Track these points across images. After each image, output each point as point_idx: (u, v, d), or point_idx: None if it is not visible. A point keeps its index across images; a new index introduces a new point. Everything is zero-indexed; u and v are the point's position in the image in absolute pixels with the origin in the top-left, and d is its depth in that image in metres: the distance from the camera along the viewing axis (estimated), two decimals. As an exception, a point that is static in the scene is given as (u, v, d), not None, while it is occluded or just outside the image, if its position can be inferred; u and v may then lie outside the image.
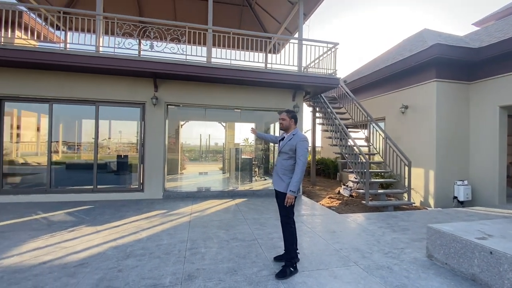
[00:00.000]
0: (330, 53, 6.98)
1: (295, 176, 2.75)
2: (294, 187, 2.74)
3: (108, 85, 6.19)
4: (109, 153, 7.12)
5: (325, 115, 8.07)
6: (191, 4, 9.16)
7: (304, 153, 2.78)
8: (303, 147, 2.80)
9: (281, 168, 2.91)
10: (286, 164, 2.87)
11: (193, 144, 12.54)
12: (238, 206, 5.75)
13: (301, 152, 2.78)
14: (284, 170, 2.87)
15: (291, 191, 2.73)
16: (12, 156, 6.39)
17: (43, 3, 7.94)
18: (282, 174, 2.87)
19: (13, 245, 3.37)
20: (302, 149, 2.79)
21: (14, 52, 5.31)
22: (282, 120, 3.01)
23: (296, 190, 2.75)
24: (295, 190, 2.74)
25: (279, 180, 2.91)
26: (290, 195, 2.74)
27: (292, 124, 2.99)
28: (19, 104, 6.32)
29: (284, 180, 2.86)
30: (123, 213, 4.97)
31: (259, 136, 3.79)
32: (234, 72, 6.21)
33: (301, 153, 2.78)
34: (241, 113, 7.51)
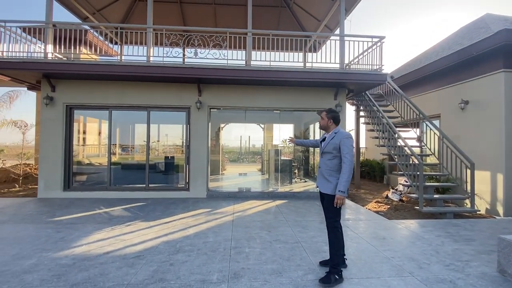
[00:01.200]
0: (376, 48, 6.56)
1: (343, 175, 2.62)
2: (343, 187, 2.59)
3: (158, 92, 6.69)
4: (158, 154, 7.69)
5: (371, 114, 7.59)
6: (230, 10, 9.45)
7: (349, 150, 2.65)
8: (348, 144, 2.67)
9: (326, 169, 2.78)
10: (331, 164, 2.75)
11: (232, 145, 12.88)
12: (279, 208, 5.72)
13: (347, 150, 2.65)
14: (329, 171, 2.75)
15: (340, 191, 2.59)
16: (79, 158, 7.30)
17: (102, 20, 8.94)
18: (328, 175, 2.74)
19: (83, 236, 3.82)
20: (347, 146, 2.66)
21: (81, 66, 6.07)
22: (320, 120, 2.98)
23: (345, 190, 2.60)
24: (345, 190, 2.60)
25: (325, 181, 2.78)
26: (340, 195, 2.59)
27: (331, 124, 2.87)
28: (85, 111, 7.20)
29: (331, 181, 2.72)
30: (172, 210, 5.31)
31: (297, 143, 3.60)
32: (273, 73, 6.22)
33: (347, 151, 2.65)
34: (280, 114, 7.47)
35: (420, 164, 5.43)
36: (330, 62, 6.50)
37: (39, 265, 2.88)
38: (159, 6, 8.71)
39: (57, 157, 6.47)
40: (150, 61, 6.27)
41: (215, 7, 9.43)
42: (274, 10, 9.52)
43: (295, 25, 9.76)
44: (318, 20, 9.03)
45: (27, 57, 6.07)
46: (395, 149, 6.49)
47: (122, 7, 9.18)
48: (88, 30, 8.77)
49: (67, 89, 6.54)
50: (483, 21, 7.74)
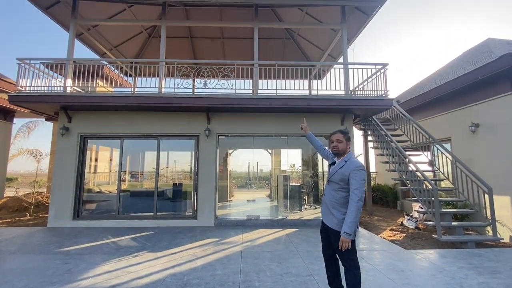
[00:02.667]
0: (380, 74, 6.71)
1: (350, 214, 2.25)
2: (349, 229, 2.22)
3: (168, 121, 6.91)
4: (166, 181, 7.73)
5: (379, 138, 7.55)
6: (238, 43, 9.99)
7: (360, 185, 2.27)
8: (358, 177, 2.29)
9: (330, 199, 2.46)
10: (336, 196, 2.41)
11: (240, 170, 12.85)
12: (289, 237, 5.53)
13: (356, 184, 2.27)
14: (333, 203, 2.42)
15: (346, 233, 2.22)
16: (89, 185, 7.40)
17: (118, 56, 9.56)
18: (332, 207, 2.43)
19: (89, 268, 3.75)
20: (358, 181, 2.28)
21: (97, 98, 6.41)
22: (337, 143, 2.48)
23: (352, 232, 2.23)
24: (351, 233, 2.22)
25: (328, 213, 2.47)
26: (345, 238, 2.22)
27: (348, 147, 2.51)
28: (98, 140, 7.44)
29: (334, 215, 2.40)
30: (179, 240, 5.20)
31: (309, 137, 3.08)
32: (279, 101, 6.38)
33: (356, 185, 2.27)
34: (288, 139, 7.53)
35: (435, 190, 5.26)
36: (335, 89, 6.65)
37: (45, 299, 2.82)
38: (171, 41, 9.30)
39: (69, 186, 6.58)
40: (162, 92, 6.56)
41: (223, 41, 10.00)
42: (279, 42, 10.01)
43: (300, 54, 10.17)
44: (321, 50, 9.40)
45: (48, 91, 6.45)
46: (406, 174, 6.35)
47: (137, 43, 9.85)
48: (104, 64, 9.36)
49: (82, 120, 6.84)
50: (485, 46, 7.90)
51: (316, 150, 3.04)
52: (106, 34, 8.68)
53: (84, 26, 7.70)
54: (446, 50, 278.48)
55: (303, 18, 8.24)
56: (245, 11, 8.40)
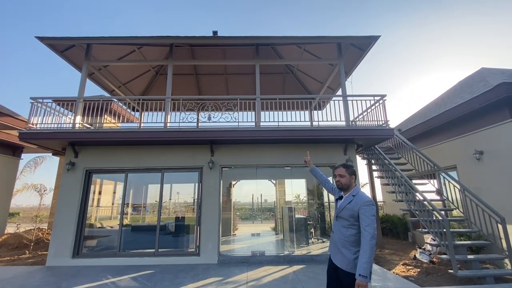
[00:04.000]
0: (379, 105, 6.89)
1: (363, 254, 2.05)
2: (364, 271, 2.01)
3: (172, 154, 7.01)
4: (169, 214, 7.60)
5: (383, 167, 7.50)
6: (240, 78, 10.47)
7: (371, 221, 2.12)
8: (369, 213, 2.15)
9: (340, 237, 2.29)
10: (346, 233, 2.25)
11: (244, 201, 12.62)
12: (296, 275, 5.25)
13: (368, 221, 2.12)
14: (343, 241, 2.25)
15: (362, 276, 2.00)
16: (91, 220, 7.28)
17: (126, 92, 10.01)
18: (342, 246, 2.25)
19: (86, 312, 3.56)
20: (368, 217, 2.14)
21: (104, 134, 6.61)
22: (340, 177, 2.39)
23: (368, 275, 2.02)
24: (367, 275, 2.00)
25: (338, 252, 2.29)
26: (361, 281, 2.00)
27: (353, 181, 2.39)
28: (102, 175, 7.49)
29: (345, 255, 2.21)
30: (181, 280, 4.96)
31: (313, 170, 3.03)
32: (282, 132, 6.50)
33: (368, 222, 2.12)
34: (291, 170, 7.51)
35: (445, 221, 5.09)
36: (336, 120, 6.80)
37: None
38: (177, 78, 9.79)
39: (71, 221, 6.50)
40: (168, 127, 6.75)
41: (226, 77, 10.49)
42: (279, 76, 10.47)
43: (300, 87, 10.57)
44: (320, 82, 9.78)
45: (57, 128, 6.68)
46: (414, 204, 6.19)
47: (145, 80, 10.37)
48: (113, 101, 9.77)
49: (88, 155, 6.97)
50: (480, 75, 8.17)
51: (321, 184, 2.94)
52: (115, 73, 9.19)
53: (95, 67, 8.20)
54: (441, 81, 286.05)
55: (301, 55, 8.72)
56: (246, 50, 8.94)
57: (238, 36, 7.04)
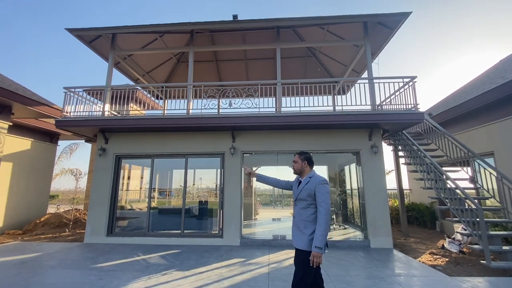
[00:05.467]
0: (408, 88, 6.49)
1: (319, 227, 2.29)
2: (320, 242, 2.25)
3: (195, 140, 7.18)
4: (193, 198, 7.90)
5: (411, 154, 7.15)
6: (260, 63, 10.31)
7: (325, 198, 2.38)
8: (323, 190, 2.41)
9: (300, 219, 2.48)
10: (305, 213, 2.46)
11: (264, 188, 12.75)
12: (317, 258, 5.28)
13: (322, 197, 2.38)
14: (304, 222, 2.44)
15: (317, 248, 2.23)
16: (121, 203, 7.77)
17: (150, 80, 10.28)
18: (304, 227, 2.43)
19: (121, 284, 3.87)
20: (323, 194, 2.39)
21: (130, 121, 6.88)
22: (294, 163, 2.68)
23: (323, 246, 2.25)
24: (322, 246, 2.24)
25: (299, 234, 2.45)
26: (316, 252, 2.22)
27: (306, 166, 2.63)
28: (131, 160, 7.89)
29: (305, 233, 2.39)
30: (206, 259, 5.20)
31: (260, 178, 2.97)
32: (303, 118, 6.38)
33: (322, 198, 2.37)
34: (313, 156, 7.40)
35: (479, 210, 4.79)
36: (361, 104, 6.53)
37: (81, 315, 2.93)
38: (198, 65, 9.86)
39: (104, 203, 6.98)
40: (190, 114, 6.89)
41: (246, 62, 10.38)
42: (301, 60, 10.16)
43: (322, 71, 10.21)
44: (344, 65, 9.36)
45: (88, 116, 7.07)
46: (445, 192, 5.88)
47: (167, 68, 10.56)
48: (138, 89, 10.10)
49: (117, 141, 7.34)
50: (525, 53, 7.35)
51: (278, 188, 2.99)
52: (139, 62, 9.44)
53: (120, 56, 8.47)
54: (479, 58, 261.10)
55: (324, 36, 8.35)
56: (267, 33, 8.72)
57: (258, 19, 6.86)
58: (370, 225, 6.44)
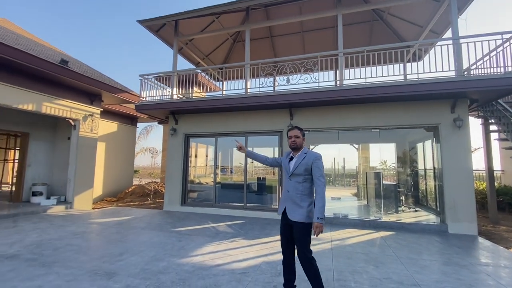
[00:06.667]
0: (509, 45, 5.23)
1: (320, 200, 2.43)
2: (321, 214, 2.40)
3: (254, 119, 7.35)
4: (252, 175, 8.28)
5: (508, 128, 5.92)
6: (318, 34, 9.66)
7: (322, 172, 2.53)
8: (321, 165, 2.55)
9: (296, 193, 2.56)
10: (302, 188, 2.55)
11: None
12: (384, 240, 5.01)
13: (320, 172, 2.52)
14: (301, 195, 2.54)
15: (320, 219, 2.38)
16: (191, 177, 8.65)
17: (209, 63, 10.75)
18: (300, 200, 2.53)
19: (197, 247, 4.40)
20: (320, 169, 2.53)
21: (195, 103, 7.39)
22: (295, 138, 2.68)
23: (323, 217, 2.41)
24: (323, 217, 2.41)
25: (295, 207, 2.53)
26: (319, 223, 2.38)
27: (304, 142, 2.76)
28: (197, 139, 8.61)
29: (303, 207, 2.50)
30: (268, 231, 5.48)
31: (248, 154, 3.07)
32: (369, 90, 5.82)
33: (320, 173, 2.51)
34: (380, 133, 6.78)
35: None
36: (442, 70, 5.58)
37: (169, 268, 3.48)
38: (252, 43, 9.76)
39: (178, 177, 7.89)
40: (248, 93, 7.01)
41: (303, 35, 9.85)
42: (364, 26, 9.12)
43: (391, 36, 8.99)
44: (419, 26, 8.04)
45: (161, 100, 7.87)
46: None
47: (224, 50, 10.83)
48: (199, 73, 10.72)
49: (185, 122, 8.05)
50: None
51: (266, 164, 3.07)
52: (199, 46, 9.90)
53: (183, 41, 9.01)
54: None
55: (395, -6, 7.22)
56: (324, 0, 8.02)
57: (317, -16, 6.33)
58: (449, 208, 5.72)
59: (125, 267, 3.46)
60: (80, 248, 4.26)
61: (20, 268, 3.36)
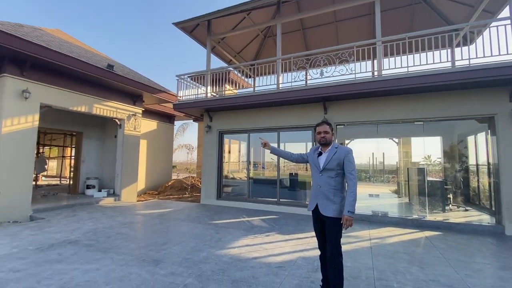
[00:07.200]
0: None
1: (352, 194, 2.43)
2: (352, 208, 2.40)
3: (286, 114, 7.30)
4: (284, 171, 8.25)
5: None
6: (352, 23, 9.20)
7: (354, 166, 2.53)
8: (352, 160, 2.55)
9: (329, 188, 2.54)
10: (334, 182, 2.54)
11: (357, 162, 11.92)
12: (430, 240, 4.68)
13: (352, 166, 2.52)
14: (334, 190, 2.53)
15: (350, 212, 2.38)
16: (225, 173, 8.91)
17: (240, 60, 10.88)
18: (333, 195, 2.51)
19: (234, 239, 4.55)
20: (353, 163, 2.54)
21: (228, 100, 7.58)
22: (325, 134, 2.63)
23: (354, 211, 2.40)
24: (354, 211, 2.40)
25: (328, 203, 2.51)
26: (349, 216, 2.38)
27: (333, 137, 2.70)
28: (230, 135, 8.82)
29: (335, 202, 2.49)
30: (303, 227, 5.44)
31: (273, 151, 3.01)
32: (411, 80, 5.41)
33: (352, 167, 2.52)
34: (424, 125, 6.27)
35: None
36: (498, 54, 4.97)
37: (209, 258, 3.66)
38: (283, 37, 9.64)
39: (213, 172, 8.19)
40: (280, 88, 6.97)
41: (336, 25, 9.46)
42: (405, 10, 8.45)
43: (435, 19, 8.20)
44: (470, 6, 7.22)
45: (196, 99, 8.19)
46: None
47: (255, 46, 10.86)
48: (231, 70, 10.92)
49: (219, 119, 8.29)
50: None
51: (290, 161, 3.00)
52: (230, 44, 10.06)
53: (215, 40, 9.23)
54: None
55: (441, -28, 6.58)
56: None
57: (353, -30, 6.01)
58: (507, 208, 5.13)
59: (169, 256, 3.72)
60: (129, 236, 4.67)
61: (80, 253, 3.80)
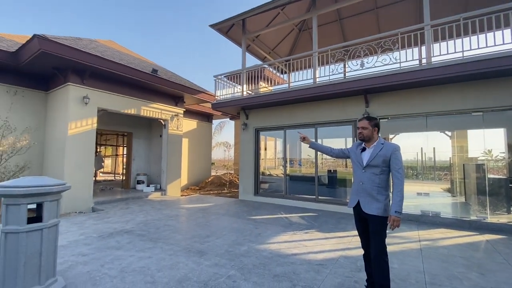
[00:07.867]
0: None
1: (399, 193, 2.32)
2: (400, 208, 2.29)
3: (323, 109, 7.10)
4: (322, 167, 8.03)
5: None
6: (395, 8, 8.52)
7: (402, 164, 2.41)
8: (400, 157, 2.42)
9: (373, 185, 2.43)
10: (378, 180, 2.43)
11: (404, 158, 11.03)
12: (491, 244, 4.18)
13: (399, 164, 2.39)
14: (378, 188, 2.42)
15: (397, 212, 2.27)
16: (262, 169, 9.01)
17: (275, 57, 10.83)
18: (377, 193, 2.41)
19: (273, 235, 4.61)
20: (400, 160, 2.41)
21: (263, 98, 7.62)
22: (362, 129, 2.54)
23: (401, 211, 2.28)
24: (401, 211, 2.29)
25: (371, 200, 2.41)
26: (396, 216, 2.28)
27: (375, 133, 2.54)
28: (266, 132, 8.88)
29: (380, 200, 2.38)
30: (344, 225, 5.27)
31: (312, 145, 2.95)
32: (469, 65, 4.87)
33: (399, 165, 2.39)
34: (484, 116, 5.55)
35: None
36: None
37: (249, 252, 3.76)
38: (320, 29, 9.36)
39: (250, 169, 8.35)
40: (316, 82, 6.79)
41: (377, 12, 8.85)
42: (459, -12, 7.55)
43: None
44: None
45: (233, 97, 8.41)
46: None
47: (289, 41, 10.71)
48: (266, 67, 10.94)
49: (255, 116, 8.40)
50: None
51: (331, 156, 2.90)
52: (265, 41, 10.07)
53: (250, 39, 9.33)
54: None
55: None
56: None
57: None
58: None
59: (212, 248, 3.92)
60: (175, 228, 5.02)
61: (135, 241, 4.21)
